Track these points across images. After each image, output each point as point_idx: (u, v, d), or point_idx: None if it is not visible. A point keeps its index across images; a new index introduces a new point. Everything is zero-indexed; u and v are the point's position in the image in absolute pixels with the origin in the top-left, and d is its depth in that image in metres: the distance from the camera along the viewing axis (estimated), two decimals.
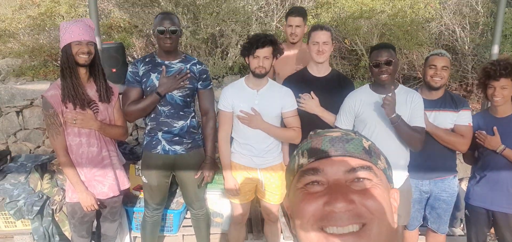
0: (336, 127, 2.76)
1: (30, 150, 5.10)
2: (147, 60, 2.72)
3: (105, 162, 2.65)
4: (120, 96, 2.79)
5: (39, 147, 5.09)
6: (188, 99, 2.76)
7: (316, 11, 7.24)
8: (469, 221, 2.93)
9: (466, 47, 6.52)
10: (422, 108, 2.63)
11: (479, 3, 6.46)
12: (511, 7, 6.04)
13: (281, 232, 3.56)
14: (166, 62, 2.70)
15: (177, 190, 3.66)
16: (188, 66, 2.73)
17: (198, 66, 2.78)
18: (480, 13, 6.53)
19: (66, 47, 2.39)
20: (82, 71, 2.48)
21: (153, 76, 2.67)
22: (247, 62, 2.65)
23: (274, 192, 2.84)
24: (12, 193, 3.46)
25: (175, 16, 2.69)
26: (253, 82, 2.69)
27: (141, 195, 3.55)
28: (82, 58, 2.41)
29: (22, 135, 5.08)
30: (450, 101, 2.83)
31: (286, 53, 3.39)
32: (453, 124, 2.80)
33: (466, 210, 2.95)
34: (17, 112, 5.07)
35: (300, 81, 2.89)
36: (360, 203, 0.67)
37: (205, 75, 2.80)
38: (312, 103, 2.82)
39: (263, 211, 3.01)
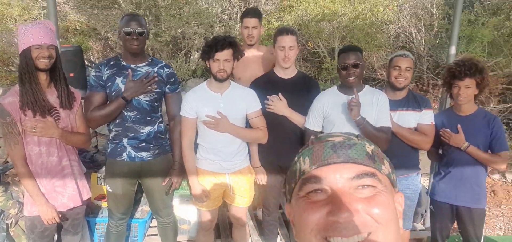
0: (305, 128, 2.78)
1: None
2: (111, 63, 2.61)
3: (65, 171, 2.51)
4: (82, 101, 2.66)
5: None
6: (155, 103, 2.67)
7: (279, 14, 7.30)
8: (434, 216, 3.02)
9: (422, 49, 6.80)
10: (388, 108, 2.69)
11: (434, 5, 6.75)
12: (464, 10, 6.36)
13: (250, 236, 3.53)
14: (132, 65, 2.59)
15: (142, 198, 3.55)
16: (155, 69, 2.64)
17: (165, 69, 2.69)
18: (435, 16, 6.83)
19: (26, 51, 2.25)
20: (42, 77, 2.34)
21: (119, 80, 2.56)
22: (208, 66, 2.61)
23: (243, 195, 2.81)
24: None
25: (142, 18, 2.60)
26: (215, 86, 2.65)
27: (104, 205, 3.41)
28: (43, 63, 2.27)
29: None
30: (413, 101, 2.90)
31: (244, 56, 3.36)
32: (416, 123, 2.87)
33: (431, 206, 3.04)
34: None
35: (267, 84, 2.89)
36: (365, 212, 0.65)
37: (173, 79, 2.73)
38: (280, 105, 2.82)
39: (232, 215, 2.97)
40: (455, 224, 2.99)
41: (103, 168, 3.51)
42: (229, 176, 2.73)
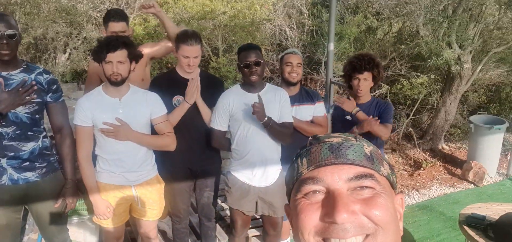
0: (211, 128, 2.70)
1: None
2: None
3: None
4: None
5: None
6: (36, 116, 2.31)
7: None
8: None
9: (295, 45, 7.29)
10: (289, 104, 2.78)
11: (303, 5, 7.28)
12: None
13: None
14: (3, 73, 2.22)
15: (26, 226, 3.03)
16: (33, 76, 2.30)
17: (45, 75, 2.37)
18: (304, 14, 7.38)
19: None
20: None
21: None
22: (102, 68, 2.35)
23: (153, 207, 2.60)
24: None
25: (11, 17, 2.24)
26: (112, 90, 2.39)
27: None
28: None
29: None
30: (306, 96, 3.08)
31: None
32: (311, 116, 3.06)
33: None
34: None
35: (169, 84, 2.75)
36: (363, 214, 0.64)
37: (55, 86, 2.40)
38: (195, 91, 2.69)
39: (141, 231, 2.73)
40: None
41: None
42: (136, 188, 2.49)
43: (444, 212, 4.25)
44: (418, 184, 5.06)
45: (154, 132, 2.55)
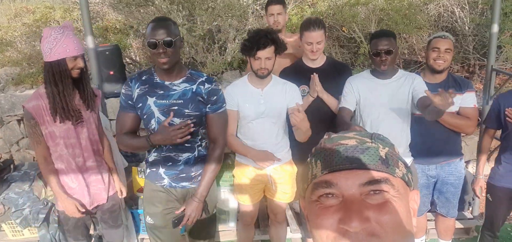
0: (340, 108, 2.73)
1: (34, 157, 5.08)
2: (144, 78, 2.24)
3: (90, 171, 2.61)
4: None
5: None
6: (193, 128, 2.22)
7: (313, 1, 7.18)
8: (491, 203, 2.89)
9: (466, 28, 6.46)
10: (423, 88, 2.57)
11: None
12: None
13: (288, 225, 3.54)
14: (167, 82, 2.21)
15: None
16: (194, 87, 2.22)
17: (206, 85, 2.25)
18: None
19: (60, 61, 2.29)
20: (70, 82, 2.39)
21: (151, 100, 2.20)
22: (249, 61, 2.53)
23: (285, 190, 2.78)
24: (17, 202, 3.45)
25: (171, 22, 2.14)
26: (256, 81, 2.60)
27: None
28: (76, 72, 2.37)
29: (25, 142, 5.06)
30: (454, 84, 2.80)
31: None
32: (458, 107, 2.78)
33: (488, 193, 2.91)
34: (18, 121, 5.05)
35: (296, 73, 2.87)
36: (375, 220, 0.65)
37: (215, 97, 2.27)
38: (319, 87, 2.77)
39: (271, 210, 2.96)
40: None
41: (143, 162, 3.61)
42: (270, 170, 2.71)
43: None
44: None
45: None
